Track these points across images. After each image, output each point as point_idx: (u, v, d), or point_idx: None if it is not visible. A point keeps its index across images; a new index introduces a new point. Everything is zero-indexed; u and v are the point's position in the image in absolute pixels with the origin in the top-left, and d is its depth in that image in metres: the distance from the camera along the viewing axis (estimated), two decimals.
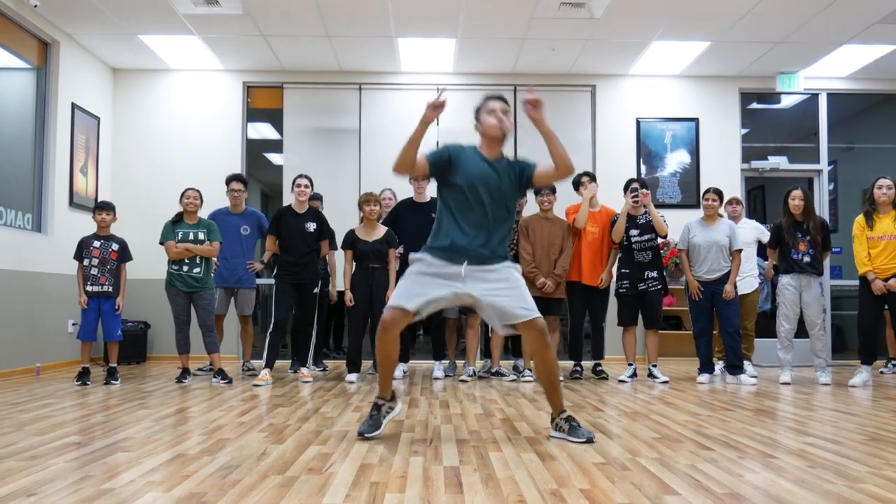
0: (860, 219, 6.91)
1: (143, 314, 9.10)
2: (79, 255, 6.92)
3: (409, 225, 7.40)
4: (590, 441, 3.94)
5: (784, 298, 7.05)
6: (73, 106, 8.62)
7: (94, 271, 6.87)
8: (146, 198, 9.31)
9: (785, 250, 7.04)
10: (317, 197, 8.06)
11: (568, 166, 4.08)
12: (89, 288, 6.85)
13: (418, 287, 4.04)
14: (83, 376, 6.76)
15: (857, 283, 7.05)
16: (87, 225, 8.19)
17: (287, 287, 6.97)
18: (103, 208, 7.04)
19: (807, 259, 6.94)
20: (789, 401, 5.82)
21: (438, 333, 7.49)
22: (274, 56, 9.22)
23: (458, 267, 4.03)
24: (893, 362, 8.11)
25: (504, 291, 4.03)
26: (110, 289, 6.90)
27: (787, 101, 10.41)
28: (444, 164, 4.21)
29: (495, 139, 4.24)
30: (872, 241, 6.78)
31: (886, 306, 6.86)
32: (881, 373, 7.93)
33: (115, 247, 6.98)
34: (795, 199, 6.99)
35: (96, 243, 6.94)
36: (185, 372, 7.01)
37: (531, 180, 4.21)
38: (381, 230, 7.08)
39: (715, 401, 5.75)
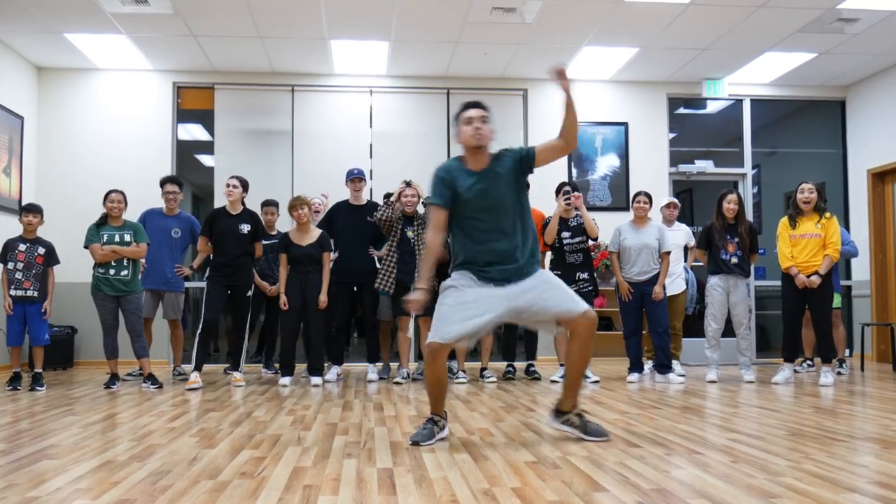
0: (784, 220, 7.12)
1: (70, 319, 8.88)
2: (3, 258, 6.74)
3: (344, 228, 7.38)
4: (605, 438, 4.03)
5: (712, 298, 7.23)
6: None
7: (18, 275, 6.70)
8: (72, 200, 9.08)
9: (714, 251, 7.22)
10: (272, 203, 7.97)
11: (574, 138, 4.18)
12: (13, 292, 6.68)
13: (458, 316, 3.97)
14: (14, 381, 6.59)
15: (780, 283, 7.25)
16: (9, 227, 7.97)
17: (219, 289, 6.90)
18: (30, 210, 6.86)
19: (734, 260, 7.14)
20: (715, 398, 5.98)
21: (372, 336, 7.48)
22: (205, 56, 9.10)
23: (497, 288, 4.03)
24: (809, 362, 8.36)
25: (547, 289, 4.05)
26: (35, 293, 6.74)
27: (712, 107, 10.67)
28: (452, 196, 4.13)
29: (474, 149, 4.18)
30: (794, 238, 6.99)
31: (807, 306, 7.08)
32: (796, 371, 8.18)
33: (41, 251, 6.81)
34: (731, 203, 7.19)
35: (22, 246, 6.76)
36: (114, 377, 6.88)
37: (533, 160, 4.24)
38: (315, 234, 7.05)
39: (644, 399, 5.87)
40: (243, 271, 6.99)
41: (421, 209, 7.33)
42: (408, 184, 7.32)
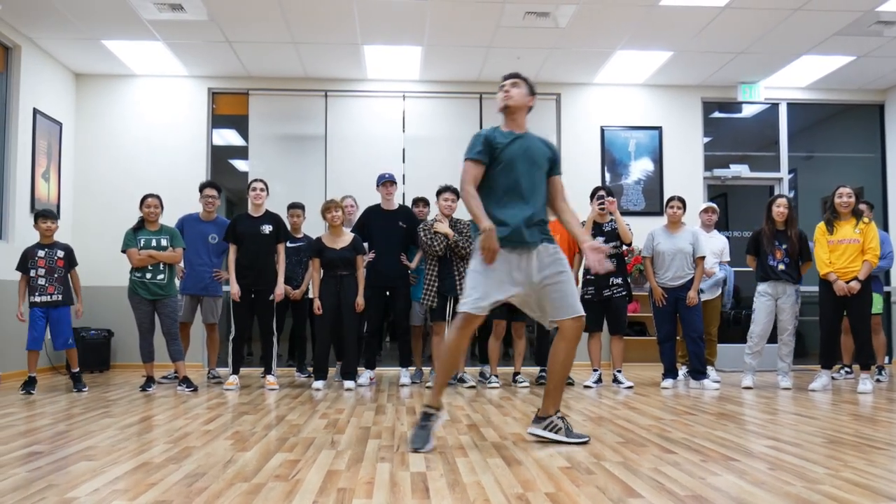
0: (821, 225, 7.01)
1: (106, 322, 8.99)
2: (23, 267, 6.75)
3: (377, 233, 7.39)
4: (586, 442, 4.02)
5: (759, 305, 7.14)
6: (35, 111, 8.52)
7: (41, 281, 6.72)
8: (109, 204, 9.21)
9: (762, 257, 7.13)
10: (298, 206, 8.01)
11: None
12: (37, 298, 6.70)
13: (486, 286, 4.05)
14: (28, 385, 6.63)
15: (817, 289, 7.14)
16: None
17: (243, 293, 6.96)
18: (48, 217, 6.89)
19: (782, 266, 7.04)
20: (751, 405, 5.91)
21: (405, 340, 7.48)
22: (239, 62, 9.19)
23: (510, 254, 4.08)
24: (847, 369, 8.24)
25: (559, 278, 4.12)
26: (60, 297, 6.76)
27: (748, 111, 10.58)
28: (489, 153, 4.21)
29: (505, 111, 4.32)
30: (832, 244, 6.88)
31: (845, 312, 6.97)
32: (833, 379, 8.06)
33: (60, 254, 6.83)
34: (780, 207, 7.09)
35: (41, 252, 6.77)
36: (150, 380, 6.94)
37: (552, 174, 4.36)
38: (348, 237, 7.07)
39: (678, 405, 5.82)
40: (265, 273, 7.01)
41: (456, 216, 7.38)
42: (451, 191, 7.35)
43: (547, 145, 4.36)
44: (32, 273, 6.73)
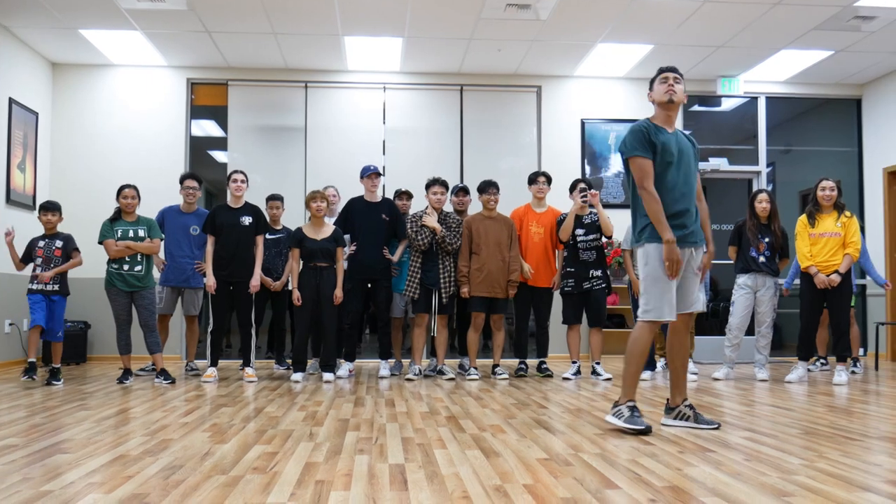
0: (803, 218, 7.07)
1: (83, 314, 8.93)
2: (27, 258, 6.86)
3: (360, 224, 7.34)
4: (717, 428, 4.29)
5: (737, 297, 7.19)
6: (10, 101, 8.41)
7: (38, 270, 6.79)
8: (86, 195, 9.13)
9: (744, 249, 7.18)
10: (277, 197, 7.97)
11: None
12: (35, 286, 6.75)
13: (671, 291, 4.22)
14: (30, 371, 6.66)
15: (794, 282, 7.20)
16: (24, 222, 8.03)
17: (222, 286, 6.94)
18: (48, 209, 6.91)
19: (763, 259, 7.10)
20: (728, 397, 5.95)
21: (385, 332, 7.47)
22: (218, 52, 9.12)
23: (686, 249, 4.31)
24: (822, 360, 8.32)
25: (690, 274, 4.37)
26: (56, 287, 6.78)
27: (727, 104, 10.62)
28: (651, 147, 4.28)
29: (667, 106, 4.38)
30: (814, 237, 6.94)
31: (826, 305, 7.02)
32: (809, 370, 8.13)
33: (58, 244, 6.85)
34: (763, 203, 7.17)
35: (41, 243, 6.87)
36: (127, 372, 6.90)
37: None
38: (329, 229, 7.05)
39: (656, 397, 5.85)
40: (245, 265, 6.98)
41: (447, 208, 7.41)
42: (440, 184, 7.35)
43: (692, 142, 4.48)
44: (33, 263, 6.85)
